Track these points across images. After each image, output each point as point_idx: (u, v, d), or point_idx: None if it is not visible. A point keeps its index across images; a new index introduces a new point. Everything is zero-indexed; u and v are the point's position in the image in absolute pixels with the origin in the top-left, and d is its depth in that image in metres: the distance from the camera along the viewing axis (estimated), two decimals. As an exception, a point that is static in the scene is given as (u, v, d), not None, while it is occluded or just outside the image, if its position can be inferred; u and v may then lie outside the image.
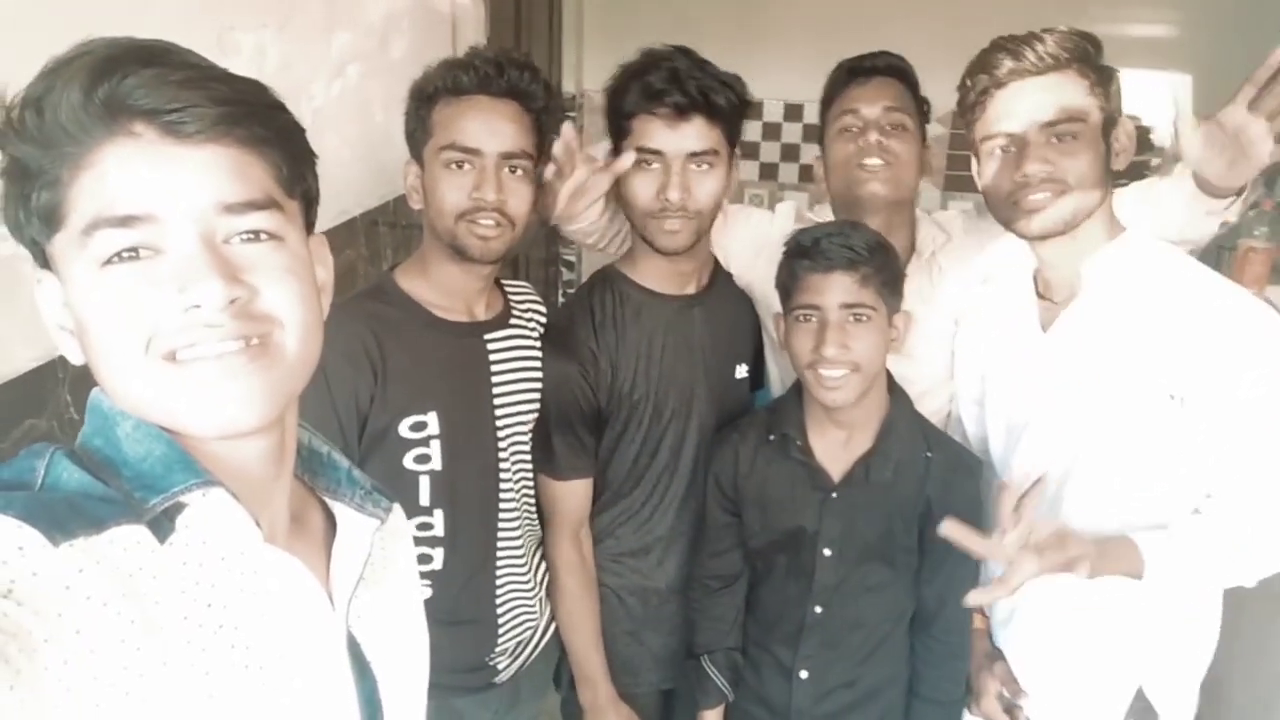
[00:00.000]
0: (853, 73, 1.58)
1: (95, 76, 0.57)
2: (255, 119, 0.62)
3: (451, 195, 1.29)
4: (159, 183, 0.59)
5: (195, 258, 0.59)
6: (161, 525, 0.60)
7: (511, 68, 1.30)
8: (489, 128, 1.29)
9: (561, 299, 3.68)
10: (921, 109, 1.60)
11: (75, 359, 0.64)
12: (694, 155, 1.39)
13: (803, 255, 1.38)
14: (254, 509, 0.65)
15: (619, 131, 1.44)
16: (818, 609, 1.46)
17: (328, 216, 1.73)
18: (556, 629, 1.58)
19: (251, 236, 0.62)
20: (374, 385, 1.28)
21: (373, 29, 1.84)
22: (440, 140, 1.30)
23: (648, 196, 1.41)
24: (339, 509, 0.76)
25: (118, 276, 0.59)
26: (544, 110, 1.35)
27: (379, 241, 1.94)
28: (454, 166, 1.29)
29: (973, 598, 1.23)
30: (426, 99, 1.32)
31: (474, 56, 1.31)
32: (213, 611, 0.61)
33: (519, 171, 1.32)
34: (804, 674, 1.48)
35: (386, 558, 0.82)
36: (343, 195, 1.78)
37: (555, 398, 1.48)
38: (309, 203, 0.70)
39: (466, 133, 1.28)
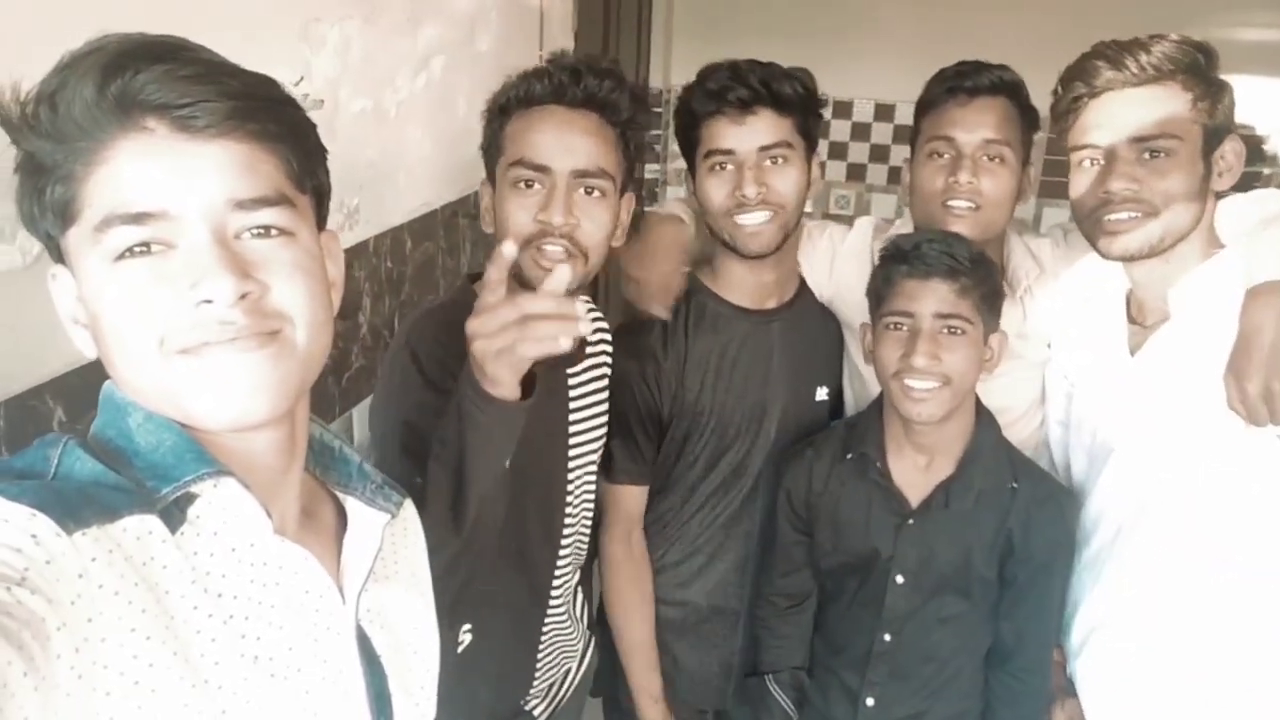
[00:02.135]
0: (953, 90, 1.42)
1: (108, 72, 0.57)
2: (266, 114, 0.62)
3: (516, 217, 1.14)
4: (171, 179, 0.59)
5: (207, 253, 0.59)
6: (173, 515, 0.61)
7: (590, 75, 1.16)
8: (562, 142, 1.14)
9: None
10: (1027, 125, 1.45)
11: (89, 353, 0.64)
12: (765, 149, 1.35)
13: (900, 260, 1.31)
14: (265, 501, 0.65)
15: (691, 145, 1.41)
16: (887, 637, 1.41)
17: (409, 208, 1.74)
18: (588, 667, 1.53)
19: (262, 232, 0.62)
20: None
21: (459, 21, 1.83)
22: (510, 156, 1.16)
23: (723, 195, 1.38)
24: (350, 503, 0.76)
25: (130, 271, 0.59)
26: (629, 124, 1.20)
27: (458, 234, 1.94)
28: (522, 186, 1.15)
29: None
30: (500, 111, 1.19)
31: (550, 63, 1.18)
32: (223, 602, 0.62)
33: (595, 193, 1.16)
34: (870, 701, 1.44)
35: (397, 552, 0.83)
36: (424, 188, 1.79)
37: (616, 399, 1.44)
38: (320, 198, 0.70)
39: (536, 147, 1.14)
